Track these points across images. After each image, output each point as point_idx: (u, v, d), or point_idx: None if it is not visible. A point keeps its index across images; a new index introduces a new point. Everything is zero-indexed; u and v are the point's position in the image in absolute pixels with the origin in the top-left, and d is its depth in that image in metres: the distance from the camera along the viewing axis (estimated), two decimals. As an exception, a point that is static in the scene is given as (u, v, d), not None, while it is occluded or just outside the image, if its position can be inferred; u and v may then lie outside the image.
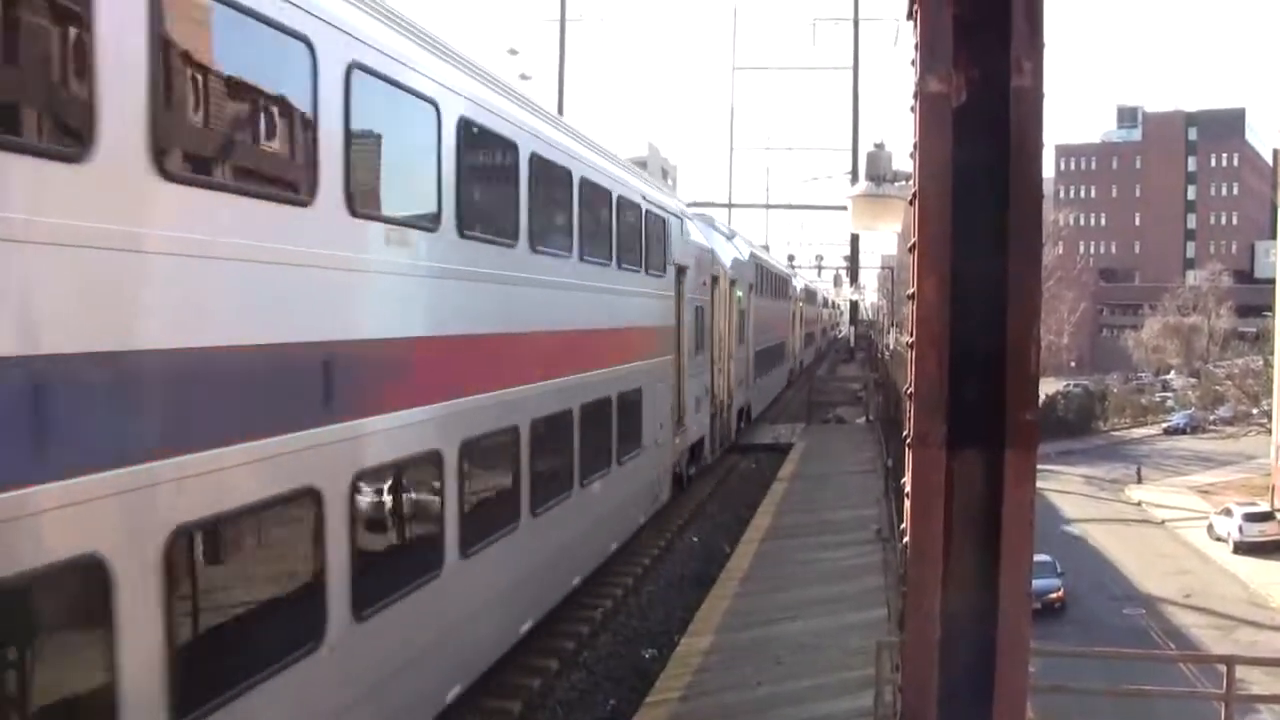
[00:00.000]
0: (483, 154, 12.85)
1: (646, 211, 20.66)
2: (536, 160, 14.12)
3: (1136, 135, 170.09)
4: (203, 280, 7.53)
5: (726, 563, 20.25)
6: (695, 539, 24.68)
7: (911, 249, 3.32)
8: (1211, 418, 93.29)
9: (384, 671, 9.93)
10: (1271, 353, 71.40)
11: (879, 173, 14.26)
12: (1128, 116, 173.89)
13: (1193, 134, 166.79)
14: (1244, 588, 47.72)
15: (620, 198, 18.70)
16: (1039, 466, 3.34)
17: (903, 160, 13.60)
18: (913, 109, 3.34)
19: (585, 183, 16.47)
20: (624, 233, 19.15)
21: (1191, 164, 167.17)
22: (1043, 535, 41.73)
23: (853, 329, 79.76)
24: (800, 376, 59.77)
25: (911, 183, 3.38)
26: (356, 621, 9.28)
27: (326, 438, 8.88)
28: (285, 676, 8.26)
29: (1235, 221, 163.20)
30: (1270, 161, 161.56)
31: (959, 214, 3.24)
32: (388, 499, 10.66)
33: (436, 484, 11.30)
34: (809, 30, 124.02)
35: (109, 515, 6.57)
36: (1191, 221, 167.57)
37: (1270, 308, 73.44)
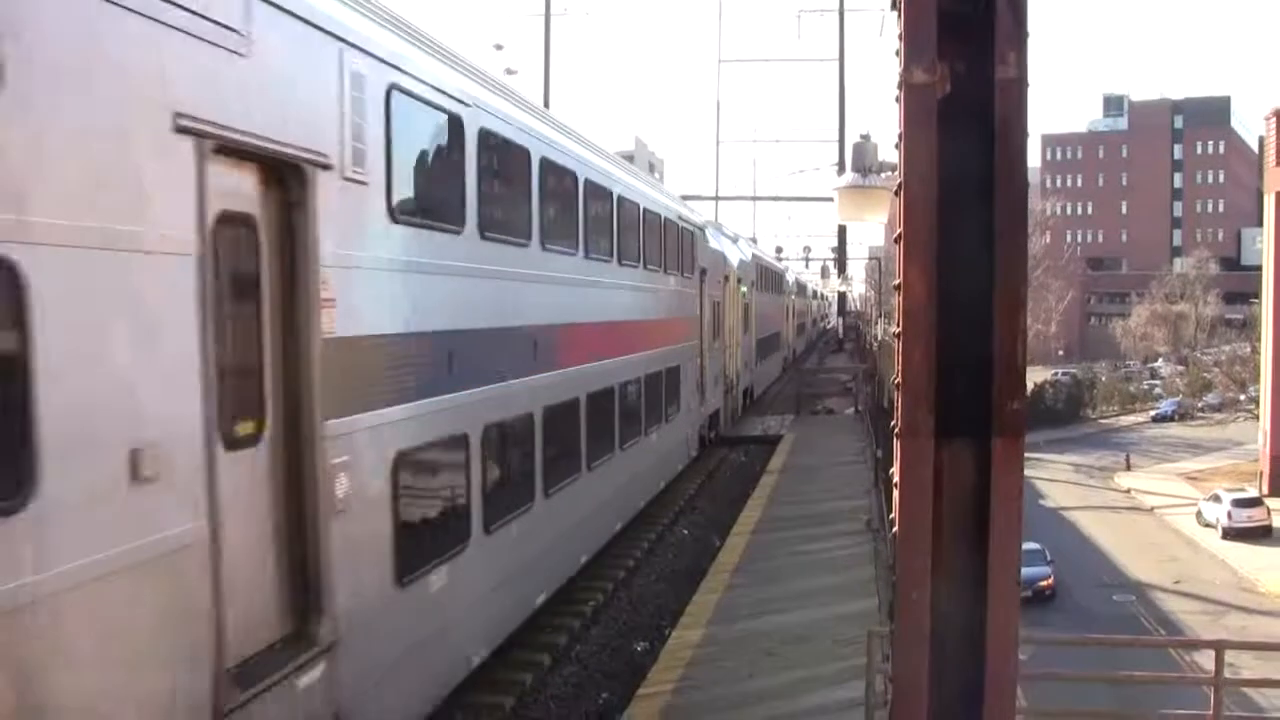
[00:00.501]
0: (560, 190, 16.51)
1: (682, 229, 26.36)
2: (625, 203, 20.37)
3: (1122, 124, 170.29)
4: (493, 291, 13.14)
5: (717, 555, 20.27)
6: (685, 532, 24.71)
7: (898, 240, 3.33)
8: (1199, 405, 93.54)
9: (504, 575, 13.12)
10: (1258, 339, 71.59)
11: (865, 164, 14.27)
12: (1113, 105, 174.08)
13: (1178, 122, 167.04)
14: (1233, 573, 47.85)
15: (667, 220, 24.59)
16: (1027, 455, 3.35)
17: (889, 151, 13.61)
18: (898, 100, 3.35)
19: (648, 212, 22.38)
20: (669, 247, 24.74)
21: (1178, 152, 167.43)
22: (1032, 523, 41.84)
23: (841, 320, 79.78)
24: (793, 363, 64.65)
25: (897, 174, 3.39)
26: (486, 534, 12.47)
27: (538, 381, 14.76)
28: (453, 563, 11.43)
29: (1222, 209, 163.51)
30: (1256, 149, 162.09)
31: (945, 205, 3.25)
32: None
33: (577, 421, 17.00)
34: (794, 22, 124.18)
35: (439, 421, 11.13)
36: (1178, 209, 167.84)
37: (1257, 295, 73.54)
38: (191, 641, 6.87)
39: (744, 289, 39.32)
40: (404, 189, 10.60)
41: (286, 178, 8.25)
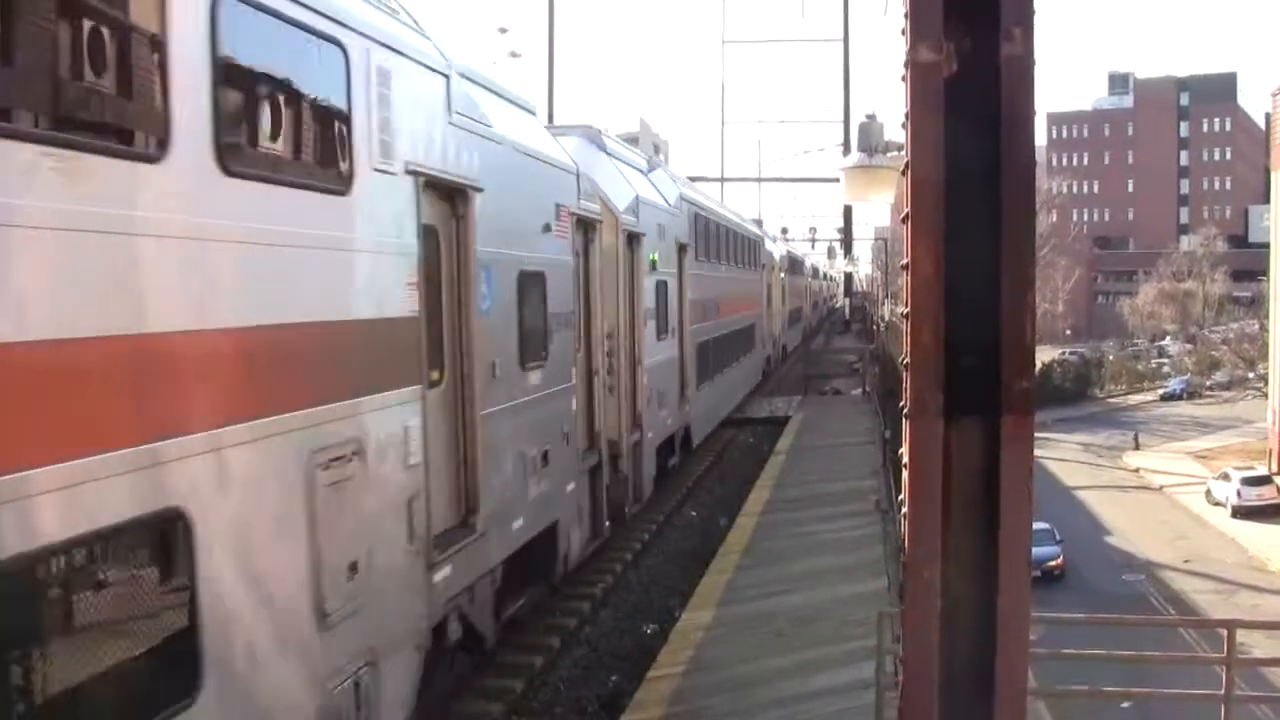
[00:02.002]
0: (712, 236, 30.51)
1: (755, 241, 44.57)
2: (744, 237, 41.54)
3: (1128, 101, 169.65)
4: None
5: (725, 537, 20.29)
6: (694, 513, 24.73)
7: (905, 219, 3.32)
8: (1208, 383, 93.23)
9: (709, 406, 28.53)
10: (1266, 316, 71.42)
11: (871, 144, 14.24)
12: (1119, 83, 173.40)
13: (1185, 99, 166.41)
14: (1243, 552, 47.80)
15: (754, 241, 43.23)
16: (1036, 434, 3.34)
17: (895, 131, 13.59)
18: (904, 79, 3.33)
19: (750, 238, 41.01)
20: (750, 251, 41.92)
21: (1184, 129, 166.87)
22: (1041, 503, 41.82)
23: (847, 301, 79.78)
24: (811, 331, 74.86)
25: (904, 153, 3.37)
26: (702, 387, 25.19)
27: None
28: (704, 390, 27.30)
29: (1229, 186, 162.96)
30: (1263, 125, 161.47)
31: (952, 184, 3.23)
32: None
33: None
34: (798, 1, 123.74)
35: None
36: (1185, 187, 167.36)
37: (1264, 272, 73.34)
38: (420, 512, 9.87)
39: (781, 275, 55.18)
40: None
41: (455, 198, 11.12)
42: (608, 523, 18.25)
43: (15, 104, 5.79)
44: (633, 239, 20.13)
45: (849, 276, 76.48)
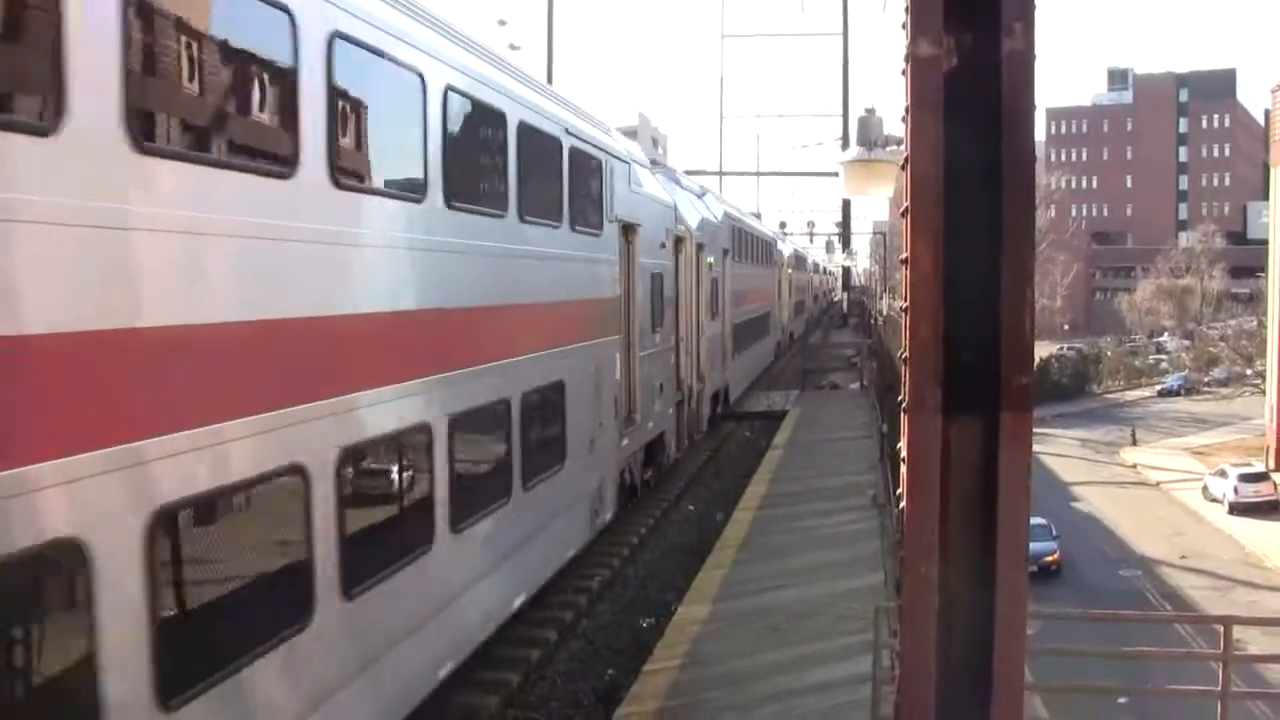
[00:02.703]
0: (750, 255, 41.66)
1: (771, 244, 53.22)
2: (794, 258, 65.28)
3: (1127, 97, 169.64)
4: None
5: (722, 531, 20.30)
6: (691, 508, 24.74)
7: (904, 214, 3.31)
8: (1206, 379, 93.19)
9: (741, 370, 38.62)
10: (1265, 313, 71.41)
11: (870, 138, 14.21)
12: (1118, 79, 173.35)
13: (1184, 95, 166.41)
14: (1240, 548, 47.81)
15: (770, 243, 52.24)
16: (1034, 430, 3.33)
17: (894, 125, 13.56)
18: (904, 73, 3.32)
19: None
20: (767, 252, 50.95)
21: (1183, 125, 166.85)
22: (1038, 498, 41.86)
23: (846, 295, 79.82)
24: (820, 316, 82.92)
25: (903, 148, 3.36)
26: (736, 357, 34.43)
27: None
28: (738, 359, 37.43)
29: (1227, 183, 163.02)
30: (1262, 122, 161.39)
31: (951, 179, 3.23)
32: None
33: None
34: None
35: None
36: (1183, 183, 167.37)
37: (1263, 268, 73.33)
38: (620, 404, 18.98)
39: (789, 270, 55.00)
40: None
41: (628, 231, 19.34)
42: (685, 441, 26.47)
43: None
44: (699, 248, 27.73)
45: (847, 271, 76.43)
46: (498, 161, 13.41)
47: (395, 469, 10.64)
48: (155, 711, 6.74)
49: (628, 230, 19.30)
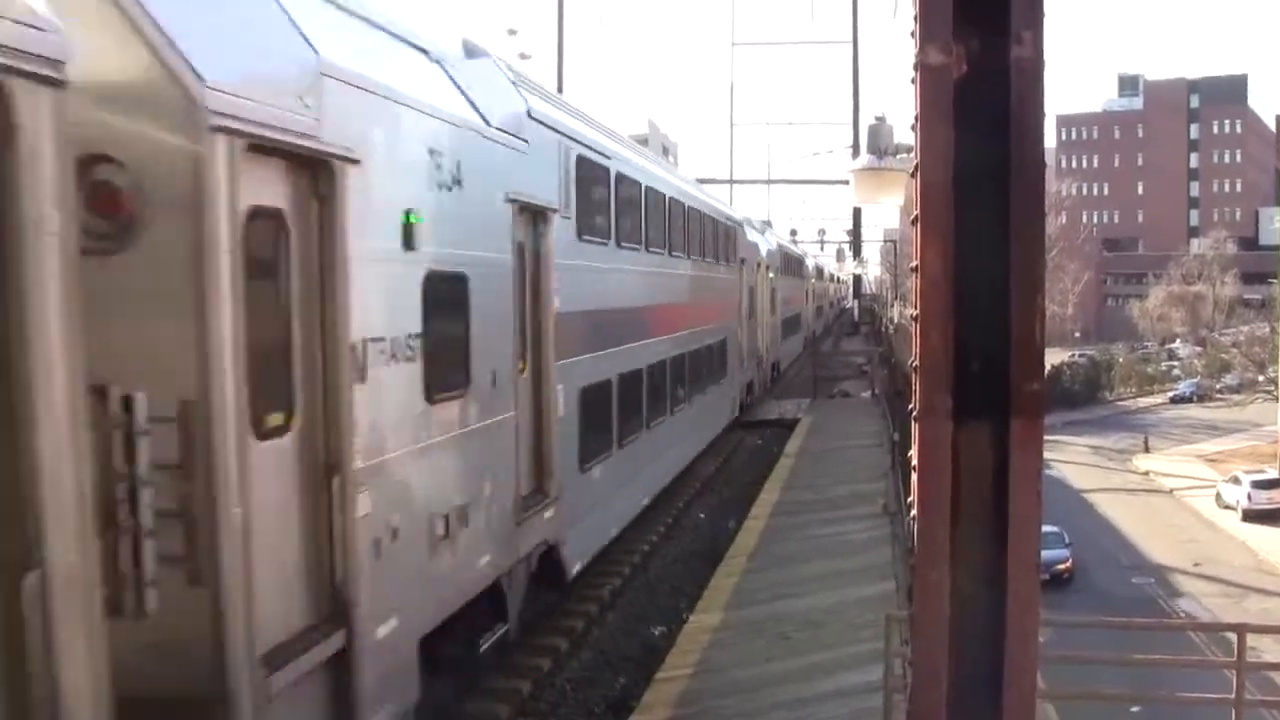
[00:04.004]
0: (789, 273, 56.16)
1: (802, 258, 68.89)
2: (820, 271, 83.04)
3: (1138, 103, 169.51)
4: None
5: (734, 539, 20.28)
6: (702, 515, 24.72)
7: (914, 222, 3.32)
8: (1218, 386, 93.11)
9: (783, 352, 50.28)
10: (1277, 319, 71.34)
11: (880, 146, 14.24)
12: (1129, 85, 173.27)
13: (1194, 101, 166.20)
14: (1253, 555, 47.74)
15: (801, 259, 67.89)
16: (1045, 437, 3.34)
17: (904, 133, 13.57)
18: (913, 81, 3.33)
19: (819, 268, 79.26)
20: (800, 266, 65.89)
21: (1194, 131, 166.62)
22: (1050, 506, 41.81)
23: (856, 303, 79.81)
24: (834, 321, 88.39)
25: (913, 155, 3.37)
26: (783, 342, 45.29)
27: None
28: (782, 344, 49.90)
29: (1239, 189, 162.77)
30: (1273, 127, 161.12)
31: (961, 186, 3.23)
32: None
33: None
34: (807, 4, 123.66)
35: None
36: (1195, 189, 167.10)
37: (1275, 274, 73.23)
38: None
39: (812, 281, 71.34)
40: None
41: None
42: (759, 390, 39.23)
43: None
44: (766, 268, 40.84)
45: (858, 279, 76.45)
46: (698, 232, 26.16)
47: (648, 383, 19.69)
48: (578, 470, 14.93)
49: (753, 265, 34.60)
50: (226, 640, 6.78)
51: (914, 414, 3.34)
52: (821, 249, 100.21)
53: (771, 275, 46.06)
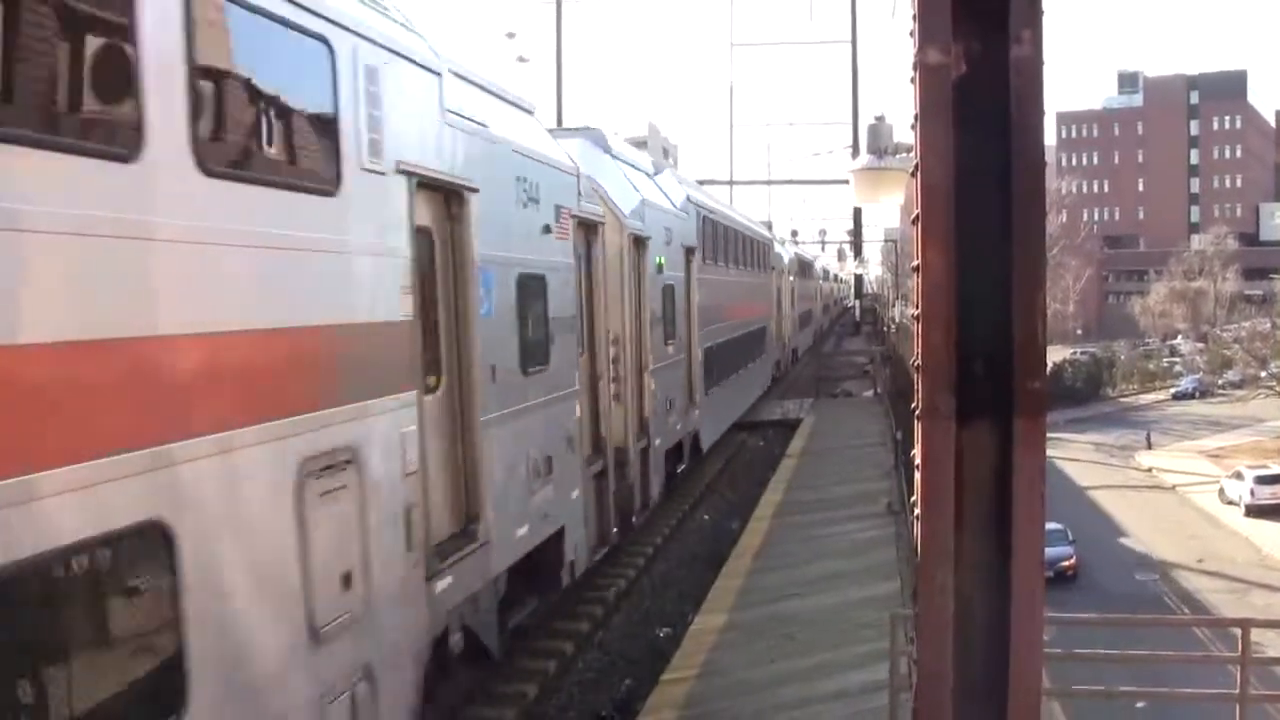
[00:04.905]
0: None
1: (813, 262, 75.21)
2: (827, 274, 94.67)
3: (1138, 100, 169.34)
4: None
5: (738, 540, 20.28)
6: (706, 517, 24.73)
7: (915, 221, 3.32)
8: (1220, 382, 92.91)
9: (807, 334, 65.89)
10: (1279, 315, 71.31)
11: (880, 146, 14.26)
12: (1128, 82, 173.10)
13: (1194, 97, 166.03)
14: (1257, 551, 47.69)
15: (812, 261, 74.02)
16: (1048, 435, 3.34)
17: (904, 133, 13.58)
18: (912, 81, 3.33)
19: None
20: (810, 269, 73.71)
21: (1194, 128, 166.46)
22: (1054, 503, 41.77)
23: (858, 303, 79.88)
24: (822, 334, 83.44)
25: (913, 155, 3.37)
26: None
27: None
28: (806, 329, 67.74)
29: (1239, 184, 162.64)
30: (1273, 123, 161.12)
31: (961, 185, 3.23)
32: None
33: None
34: (807, 4, 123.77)
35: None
36: (1195, 186, 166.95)
37: (1276, 270, 73.25)
38: (685, 388, 24.61)
39: (819, 281, 74.84)
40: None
41: (689, 254, 25.67)
42: (784, 369, 46.94)
43: None
44: (805, 271, 55.36)
45: (859, 279, 76.53)
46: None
47: (731, 349, 30.03)
48: (705, 393, 26.11)
49: (773, 269, 37.10)
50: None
51: (916, 413, 3.35)
52: (823, 249, 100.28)
53: (791, 279, 53.83)
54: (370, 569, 8.51)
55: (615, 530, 18.07)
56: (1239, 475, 55.20)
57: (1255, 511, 52.15)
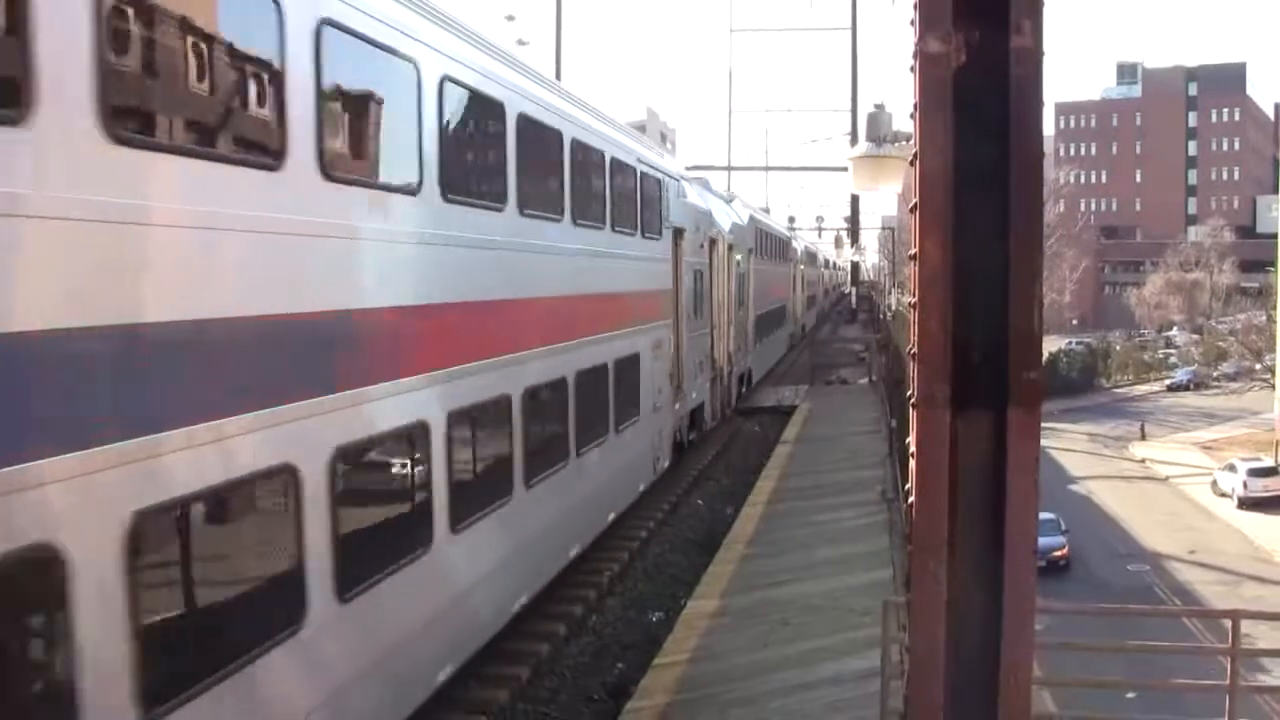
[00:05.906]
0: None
1: (816, 252, 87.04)
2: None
3: (1136, 91, 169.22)
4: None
5: (732, 526, 20.30)
6: (700, 502, 24.75)
7: (913, 209, 3.33)
8: (1215, 374, 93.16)
9: (812, 319, 75.44)
10: (1274, 307, 71.36)
11: (879, 134, 14.24)
12: (1127, 73, 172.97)
13: (1193, 89, 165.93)
14: (1248, 543, 47.83)
15: (816, 252, 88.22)
16: (1043, 425, 3.35)
17: (903, 121, 13.59)
18: (912, 70, 3.33)
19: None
20: (818, 260, 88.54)
21: (1192, 119, 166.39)
22: (1047, 493, 41.84)
23: (854, 290, 79.91)
24: (830, 310, 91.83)
25: (912, 143, 3.37)
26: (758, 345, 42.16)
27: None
28: (809, 312, 75.31)
29: (1237, 177, 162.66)
30: (1272, 116, 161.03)
31: (960, 175, 3.24)
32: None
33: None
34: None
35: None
36: (1193, 177, 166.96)
37: (1273, 262, 73.27)
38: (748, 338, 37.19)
39: (822, 269, 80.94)
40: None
41: (749, 255, 37.50)
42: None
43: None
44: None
45: (856, 266, 76.51)
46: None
47: (776, 316, 47.07)
48: (755, 344, 38.87)
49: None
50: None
51: (912, 402, 3.36)
52: (819, 235, 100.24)
53: (802, 267, 58.41)
54: (663, 389, 21.77)
55: (721, 413, 31.06)
56: (1232, 468, 55.36)
57: (1248, 504, 52.35)
